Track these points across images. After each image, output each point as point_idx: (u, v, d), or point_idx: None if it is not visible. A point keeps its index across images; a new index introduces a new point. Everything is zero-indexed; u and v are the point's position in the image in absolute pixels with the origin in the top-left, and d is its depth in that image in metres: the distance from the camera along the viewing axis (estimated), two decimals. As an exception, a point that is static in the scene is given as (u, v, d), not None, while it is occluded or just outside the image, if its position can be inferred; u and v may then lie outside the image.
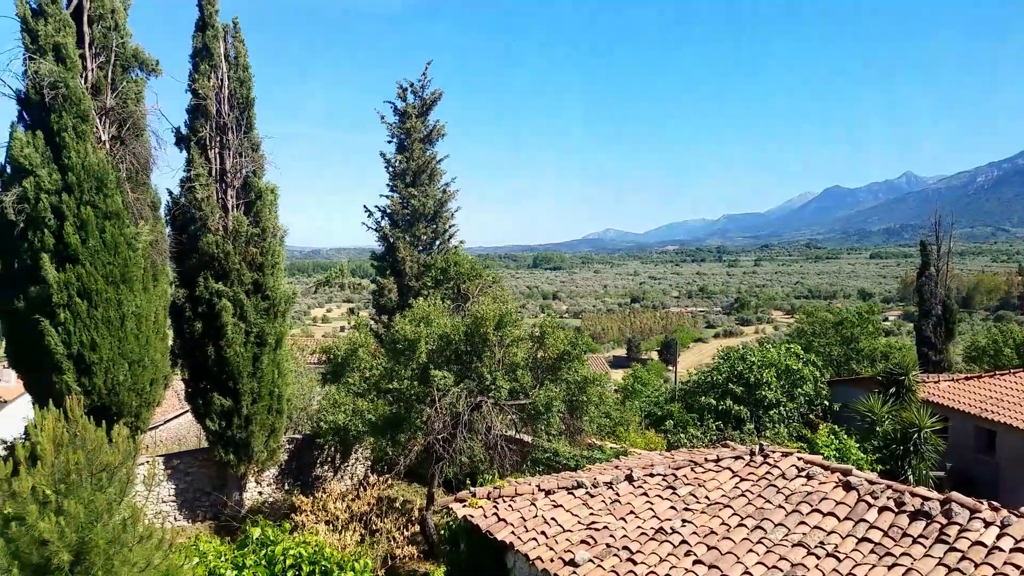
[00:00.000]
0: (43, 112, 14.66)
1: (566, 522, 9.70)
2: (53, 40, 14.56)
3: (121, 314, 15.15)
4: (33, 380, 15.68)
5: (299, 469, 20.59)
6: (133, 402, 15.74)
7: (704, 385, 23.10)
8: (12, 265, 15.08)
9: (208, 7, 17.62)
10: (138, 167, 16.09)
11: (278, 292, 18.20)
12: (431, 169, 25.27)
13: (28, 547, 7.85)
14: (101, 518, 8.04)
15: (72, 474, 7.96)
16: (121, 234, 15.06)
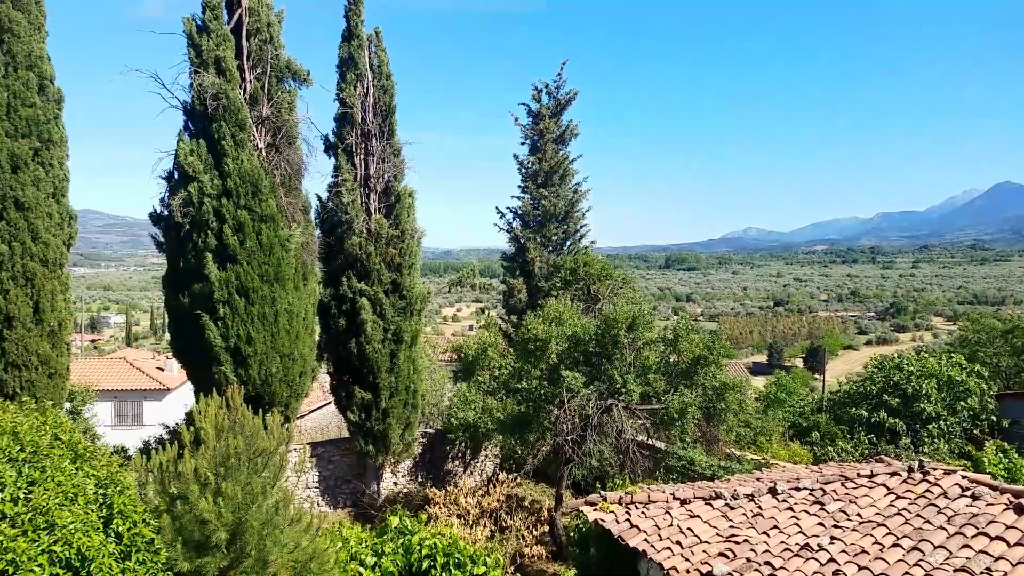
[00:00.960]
0: (206, 122, 15.96)
1: (703, 533, 9.38)
2: (215, 54, 15.84)
3: (274, 311, 16.20)
4: (195, 370, 16.96)
5: (431, 463, 21.22)
6: (284, 393, 16.77)
7: (855, 395, 21.61)
8: (178, 265, 16.48)
9: (354, 18, 18.58)
10: (291, 173, 17.19)
11: (414, 291, 18.87)
12: (563, 169, 25.26)
13: (190, 525, 8.49)
14: (256, 500, 8.57)
15: (231, 458, 8.56)
16: (275, 236, 16.13)
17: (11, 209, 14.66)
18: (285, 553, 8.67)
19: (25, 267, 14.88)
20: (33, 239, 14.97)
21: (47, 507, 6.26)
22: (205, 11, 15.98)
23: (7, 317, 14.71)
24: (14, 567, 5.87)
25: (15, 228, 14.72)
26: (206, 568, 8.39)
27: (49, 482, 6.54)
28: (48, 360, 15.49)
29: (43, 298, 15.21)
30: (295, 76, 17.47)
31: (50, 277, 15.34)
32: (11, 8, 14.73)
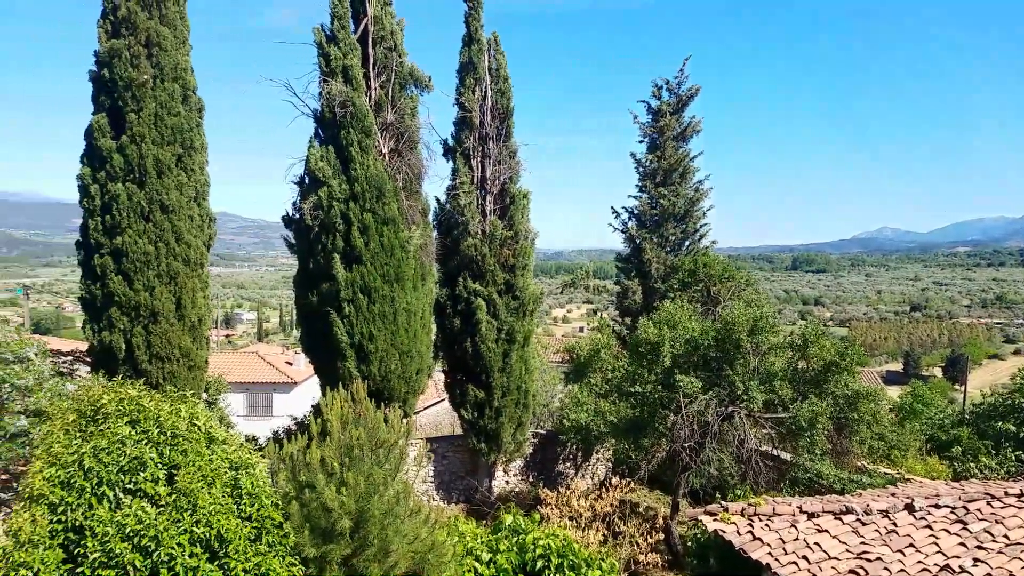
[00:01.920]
0: (334, 128, 16.69)
1: (831, 548, 8.85)
2: (342, 63, 16.55)
3: (394, 309, 16.72)
4: (321, 365, 17.72)
5: (542, 463, 21.22)
6: (402, 389, 17.27)
7: (1002, 408, 19.81)
8: (308, 265, 17.30)
9: (474, 23, 18.92)
10: (412, 177, 17.70)
11: (527, 292, 18.96)
12: (683, 167, 24.63)
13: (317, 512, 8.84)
14: (378, 491, 8.83)
15: (355, 449, 8.86)
16: (396, 238, 16.65)
17: (157, 212, 15.89)
18: (405, 543, 8.88)
19: (169, 266, 16.07)
20: (176, 240, 16.16)
21: (190, 489, 6.68)
22: (333, 21, 16.71)
23: (152, 312, 15.94)
24: (156, 543, 6.29)
25: (160, 229, 15.93)
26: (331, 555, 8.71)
27: (190, 466, 6.97)
28: (189, 353, 16.66)
29: (185, 295, 16.38)
30: (417, 82, 17.98)
31: (191, 276, 16.51)
32: (159, 24, 15.97)
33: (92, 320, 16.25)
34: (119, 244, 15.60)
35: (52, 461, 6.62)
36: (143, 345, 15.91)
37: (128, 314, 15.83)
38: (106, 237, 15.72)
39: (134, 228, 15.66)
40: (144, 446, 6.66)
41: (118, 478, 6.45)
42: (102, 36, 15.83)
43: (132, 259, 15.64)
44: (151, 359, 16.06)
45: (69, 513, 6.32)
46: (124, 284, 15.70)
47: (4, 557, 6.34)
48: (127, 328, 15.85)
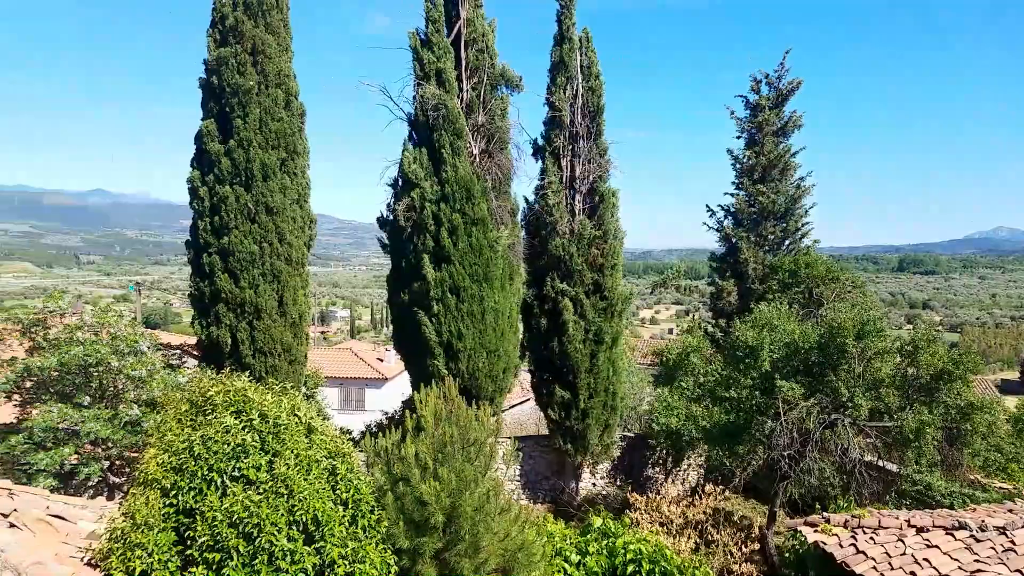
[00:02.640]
0: (427, 131, 17.01)
1: (942, 566, 8.31)
2: (436, 66, 16.85)
3: (482, 309, 16.88)
4: (410, 362, 18.12)
5: (630, 467, 20.92)
6: (489, 387, 17.41)
7: None
8: (400, 265, 17.72)
9: (566, 21, 18.87)
10: (501, 177, 17.84)
11: (616, 292, 18.74)
12: (783, 163, 23.73)
13: (411, 505, 8.98)
14: (469, 487, 8.90)
15: (447, 445, 8.97)
16: (485, 238, 16.80)
17: (262, 213, 16.62)
18: (495, 541, 8.92)
19: (273, 265, 16.79)
20: (280, 240, 16.86)
21: (288, 476, 6.92)
22: (427, 25, 17.05)
23: (257, 309, 16.69)
24: (258, 530, 6.56)
25: (265, 230, 16.67)
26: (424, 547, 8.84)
27: (288, 453, 7.23)
28: (290, 348, 17.35)
29: (287, 293, 17.07)
30: (508, 83, 18.11)
31: (293, 274, 17.20)
32: (264, 32, 16.71)
33: (200, 316, 17.16)
34: (226, 244, 16.41)
35: (165, 448, 7.00)
36: (247, 340, 16.68)
37: (234, 310, 16.64)
38: (214, 237, 16.57)
39: (240, 229, 16.44)
40: (246, 433, 6.94)
41: (224, 464, 6.74)
42: (211, 45, 16.71)
43: (238, 258, 16.42)
44: (255, 353, 16.81)
45: (180, 497, 6.65)
46: (230, 282, 16.50)
47: (121, 537, 6.75)
48: (233, 324, 16.65)
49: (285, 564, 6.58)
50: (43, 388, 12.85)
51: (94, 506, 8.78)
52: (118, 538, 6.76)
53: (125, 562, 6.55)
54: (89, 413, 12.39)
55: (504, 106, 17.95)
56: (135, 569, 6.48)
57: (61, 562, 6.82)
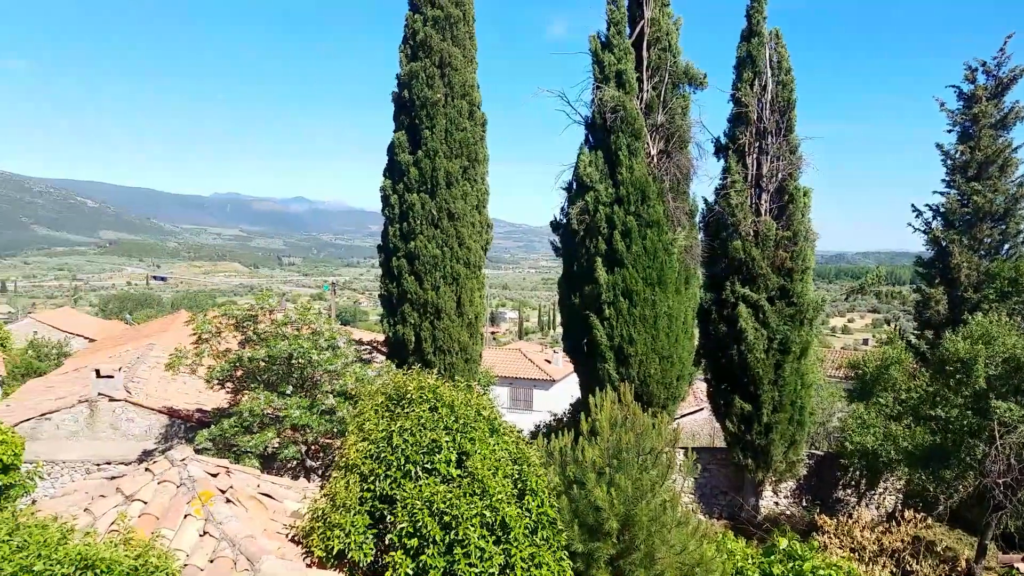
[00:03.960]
0: (604, 133, 16.94)
1: None
2: (616, 68, 16.74)
3: (655, 313, 16.49)
4: (580, 365, 18.12)
5: (818, 487, 19.50)
6: (661, 394, 16.98)
7: None
8: (572, 268, 17.78)
9: (756, 15, 17.98)
10: (680, 177, 17.35)
11: (805, 298, 17.54)
12: (1003, 159, 21.04)
13: (585, 509, 8.93)
14: (645, 496, 8.70)
15: (623, 452, 8.82)
16: (660, 240, 16.42)
17: (444, 219, 17.40)
18: (672, 553, 8.65)
19: (452, 268, 17.52)
20: (459, 244, 17.57)
21: (481, 475, 7.11)
22: (609, 27, 17.01)
23: (437, 310, 17.49)
24: (456, 522, 6.78)
25: (447, 235, 17.44)
26: (597, 552, 8.76)
27: (477, 453, 7.43)
28: (466, 347, 18.00)
29: (464, 295, 17.74)
30: (691, 80, 17.62)
31: (471, 277, 17.84)
32: (451, 45, 17.50)
33: (388, 315, 18.28)
34: (412, 248, 17.37)
35: (364, 436, 7.46)
36: (429, 338, 17.54)
37: (418, 310, 17.56)
38: (402, 242, 17.59)
39: (425, 234, 17.34)
40: (441, 431, 7.22)
41: (419, 457, 7.06)
42: (402, 60, 17.78)
43: (423, 261, 17.32)
44: (435, 351, 17.63)
45: (378, 483, 7.05)
46: (415, 283, 17.44)
47: (322, 517, 7.27)
48: (416, 323, 17.58)
49: (476, 560, 6.74)
50: (252, 377, 14.17)
51: (297, 487, 9.57)
52: (319, 517, 7.30)
53: (324, 541, 7.05)
54: (291, 401, 13.52)
55: (686, 104, 17.47)
56: (333, 548, 6.95)
57: (269, 537, 7.47)
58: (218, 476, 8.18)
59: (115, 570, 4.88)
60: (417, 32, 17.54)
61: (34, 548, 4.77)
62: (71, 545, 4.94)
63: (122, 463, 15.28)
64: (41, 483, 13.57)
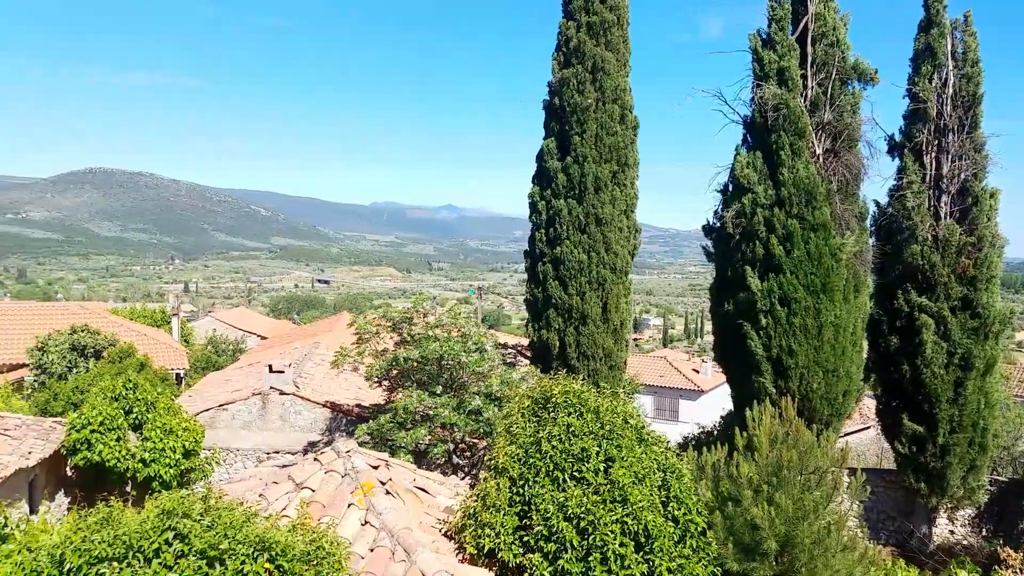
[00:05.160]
0: (764, 133, 16.16)
1: None
2: (777, 65, 15.95)
3: (819, 323, 15.47)
4: (733, 376, 17.33)
5: (1000, 516, 17.52)
6: (824, 410, 15.90)
7: None
8: (725, 274, 17.08)
9: (935, 4, 16.47)
10: (848, 178, 16.23)
11: (992, 310, 15.80)
12: None
13: (741, 528, 8.54)
14: (808, 517, 8.20)
15: (784, 470, 8.36)
16: (825, 245, 15.40)
17: (592, 224, 17.33)
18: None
19: (598, 273, 17.42)
20: (606, 249, 17.43)
21: (623, 483, 7.01)
22: (770, 24, 16.31)
23: (582, 315, 17.44)
24: (593, 527, 6.73)
25: (593, 240, 17.37)
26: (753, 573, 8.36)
27: (623, 460, 7.32)
28: (611, 353, 17.82)
29: (610, 300, 17.58)
30: (860, 76, 16.47)
31: (617, 282, 17.66)
32: (604, 50, 17.45)
33: (533, 320, 18.48)
34: (558, 253, 17.46)
35: (512, 440, 7.57)
36: (573, 344, 17.53)
37: (562, 315, 17.61)
38: (548, 247, 17.72)
39: (571, 239, 17.37)
40: (589, 439, 7.19)
41: (567, 464, 7.06)
42: (555, 67, 17.96)
43: (568, 267, 17.35)
44: (579, 357, 17.60)
45: (526, 488, 7.12)
46: (560, 289, 17.50)
47: (473, 515, 7.44)
48: (561, 328, 17.64)
49: (616, 567, 6.66)
50: (406, 376, 14.84)
51: (448, 483, 9.87)
52: (470, 515, 7.48)
53: (476, 538, 7.22)
54: (440, 400, 14.03)
55: (855, 101, 16.33)
56: (484, 546, 7.10)
57: (424, 530, 7.74)
58: (378, 469, 8.59)
59: (289, 553, 5.22)
60: (570, 39, 17.64)
61: (221, 528, 5.20)
62: (251, 527, 5.35)
63: (289, 453, 16.47)
64: (217, 468, 14.90)
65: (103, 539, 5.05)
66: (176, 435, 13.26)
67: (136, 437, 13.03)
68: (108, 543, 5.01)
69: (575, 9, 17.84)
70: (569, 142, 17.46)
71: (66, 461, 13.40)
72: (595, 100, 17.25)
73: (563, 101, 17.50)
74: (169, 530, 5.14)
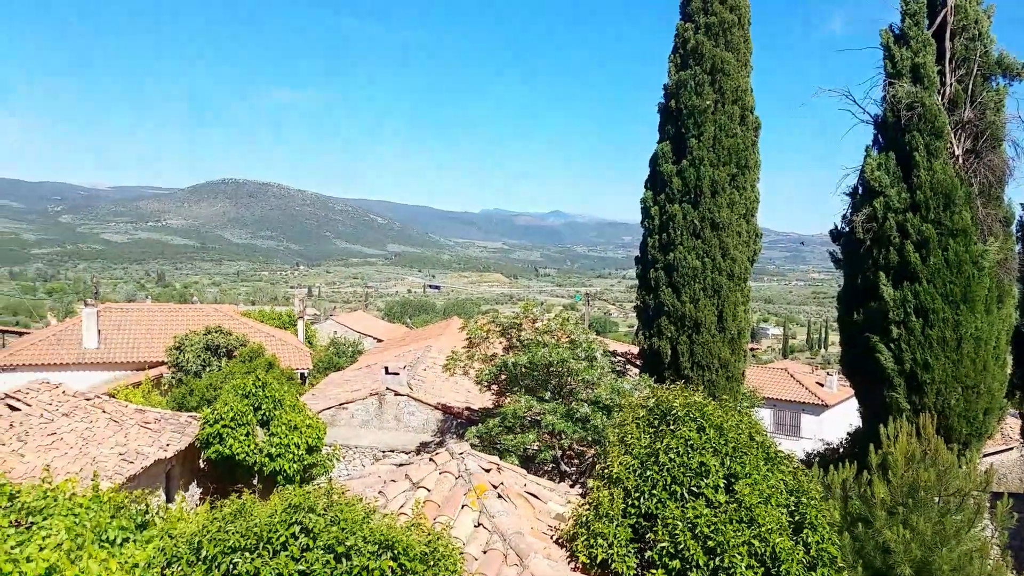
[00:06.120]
0: (897, 133, 15.19)
1: None
2: (911, 62, 14.97)
3: (957, 336, 14.34)
4: (861, 391, 16.33)
5: None
6: (963, 429, 14.72)
7: None
8: (855, 281, 16.13)
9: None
10: (992, 180, 15.03)
11: None
12: None
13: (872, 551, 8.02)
14: (948, 542, 7.61)
15: (921, 491, 7.78)
16: (965, 252, 14.27)
17: (707, 229, 16.83)
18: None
19: (714, 280, 16.87)
20: (723, 255, 16.86)
21: (750, 503, 6.72)
22: (904, 19, 15.38)
23: (696, 323, 16.93)
24: (721, 548, 6.48)
25: (708, 245, 16.85)
26: (886, 603, 7.82)
27: (748, 479, 7.02)
28: (727, 364, 17.20)
29: (727, 308, 16.98)
30: (1006, 71, 15.24)
31: (734, 289, 17.04)
32: (724, 50, 16.97)
33: (643, 327, 18.12)
34: (671, 259, 17.05)
35: (627, 450, 7.42)
36: (686, 353, 17.05)
37: (675, 323, 17.17)
38: (661, 253, 17.35)
39: (685, 245, 16.93)
40: (709, 454, 6.95)
41: (685, 478, 6.85)
42: (671, 70, 17.64)
43: (681, 273, 16.92)
44: (693, 367, 17.09)
45: (642, 500, 6.96)
46: (673, 296, 17.08)
47: (585, 524, 7.35)
48: (673, 336, 17.20)
49: (744, 589, 6.39)
50: (514, 381, 14.95)
51: (559, 490, 9.82)
52: (582, 524, 7.39)
53: (588, 548, 7.12)
54: (548, 407, 14.02)
55: (999, 98, 15.09)
56: (597, 556, 6.99)
57: (536, 536, 7.73)
58: (491, 472, 8.67)
59: (411, 553, 5.34)
60: (688, 40, 17.27)
61: (345, 524, 5.39)
62: (373, 524, 5.51)
63: (403, 452, 16.96)
64: (337, 464, 15.54)
65: (237, 530, 5.35)
66: (300, 431, 13.95)
67: (263, 433, 13.81)
68: (241, 534, 5.30)
69: (693, 11, 17.45)
70: (685, 145, 17.06)
71: (199, 453, 14.34)
72: (713, 102, 16.78)
73: (679, 104, 17.13)
74: (296, 524, 5.38)
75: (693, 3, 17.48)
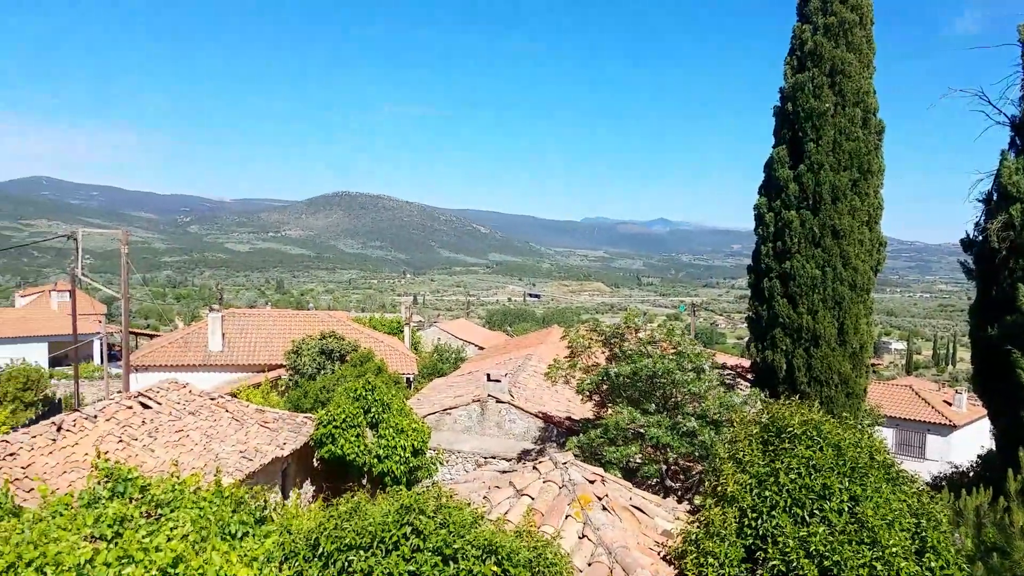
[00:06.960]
0: (1039, 134, 14.00)
1: None
2: (1055, 56, 13.78)
3: (1112, 353, 12.99)
4: (996, 410, 15.13)
5: None
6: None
7: None
8: (989, 294, 14.93)
9: None
10: None
11: None
12: None
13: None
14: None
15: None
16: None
17: (827, 237, 16.01)
18: None
19: (834, 290, 16.00)
20: (844, 264, 15.98)
21: (872, 524, 6.31)
22: (1046, 9, 14.14)
23: (814, 336, 16.09)
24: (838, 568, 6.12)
25: (828, 254, 16.01)
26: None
27: (869, 500, 6.60)
28: (848, 380, 16.26)
29: (848, 320, 16.06)
30: None
31: (856, 301, 16.11)
32: (845, 51, 16.14)
33: (756, 339, 17.41)
34: (787, 268, 16.31)
35: (742, 468, 7.12)
36: (803, 367, 16.25)
37: (790, 335, 16.40)
38: (775, 262, 16.64)
39: (803, 253, 16.16)
40: (833, 476, 6.58)
41: (807, 500, 6.51)
42: (788, 72, 16.94)
43: (799, 283, 16.15)
44: (810, 381, 16.27)
45: (760, 521, 6.65)
46: (788, 307, 16.33)
47: (695, 542, 7.09)
48: (788, 349, 16.43)
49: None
50: (617, 392, 14.67)
51: (666, 505, 9.55)
52: (691, 542, 7.14)
53: (698, 567, 6.86)
54: (652, 419, 13.67)
55: None
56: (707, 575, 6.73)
57: (642, 551, 7.53)
58: (595, 483, 8.54)
59: (515, 559, 5.32)
60: (805, 42, 16.54)
61: (453, 528, 5.44)
62: (480, 529, 5.53)
63: (504, 459, 17.04)
64: (440, 468, 15.79)
65: (352, 528, 5.49)
66: (406, 434, 14.28)
67: (373, 434, 14.23)
68: (357, 532, 5.44)
69: (811, 11, 16.69)
70: (802, 149, 16.31)
71: (313, 453, 14.95)
72: (833, 104, 15.97)
73: (796, 107, 16.40)
74: (407, 524, 5.47)
75: (811, 4, 16.74)
